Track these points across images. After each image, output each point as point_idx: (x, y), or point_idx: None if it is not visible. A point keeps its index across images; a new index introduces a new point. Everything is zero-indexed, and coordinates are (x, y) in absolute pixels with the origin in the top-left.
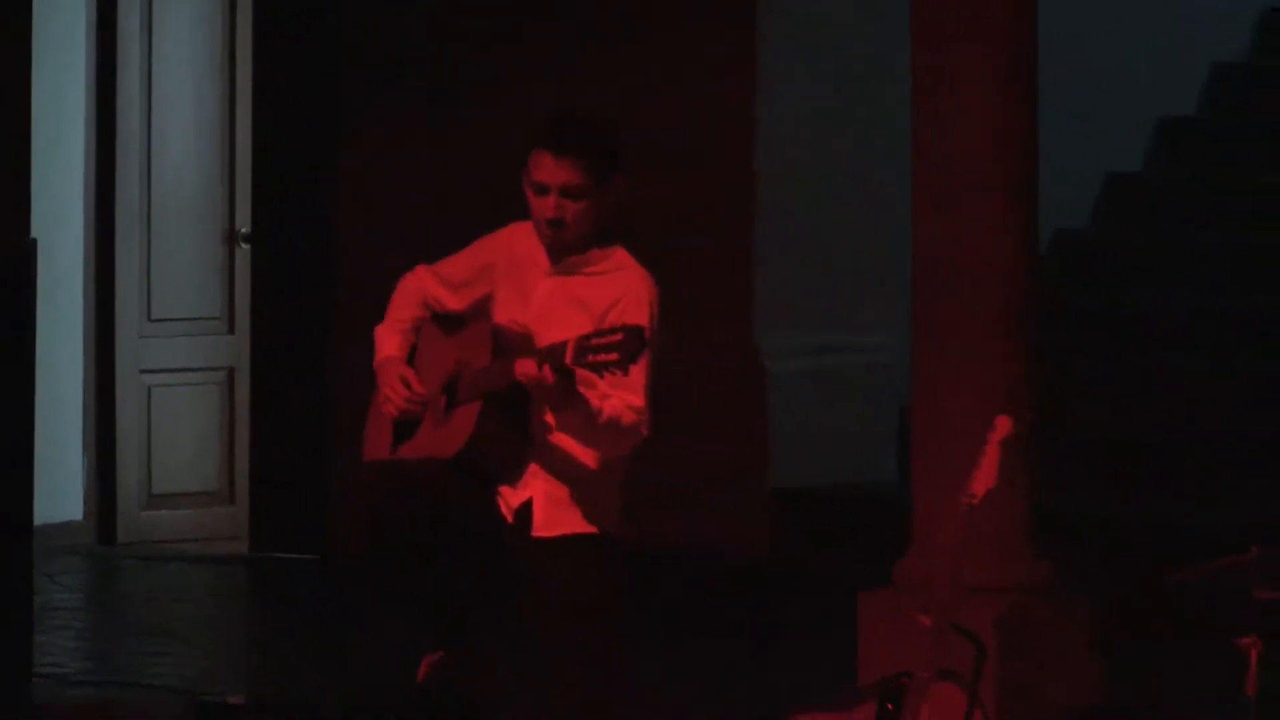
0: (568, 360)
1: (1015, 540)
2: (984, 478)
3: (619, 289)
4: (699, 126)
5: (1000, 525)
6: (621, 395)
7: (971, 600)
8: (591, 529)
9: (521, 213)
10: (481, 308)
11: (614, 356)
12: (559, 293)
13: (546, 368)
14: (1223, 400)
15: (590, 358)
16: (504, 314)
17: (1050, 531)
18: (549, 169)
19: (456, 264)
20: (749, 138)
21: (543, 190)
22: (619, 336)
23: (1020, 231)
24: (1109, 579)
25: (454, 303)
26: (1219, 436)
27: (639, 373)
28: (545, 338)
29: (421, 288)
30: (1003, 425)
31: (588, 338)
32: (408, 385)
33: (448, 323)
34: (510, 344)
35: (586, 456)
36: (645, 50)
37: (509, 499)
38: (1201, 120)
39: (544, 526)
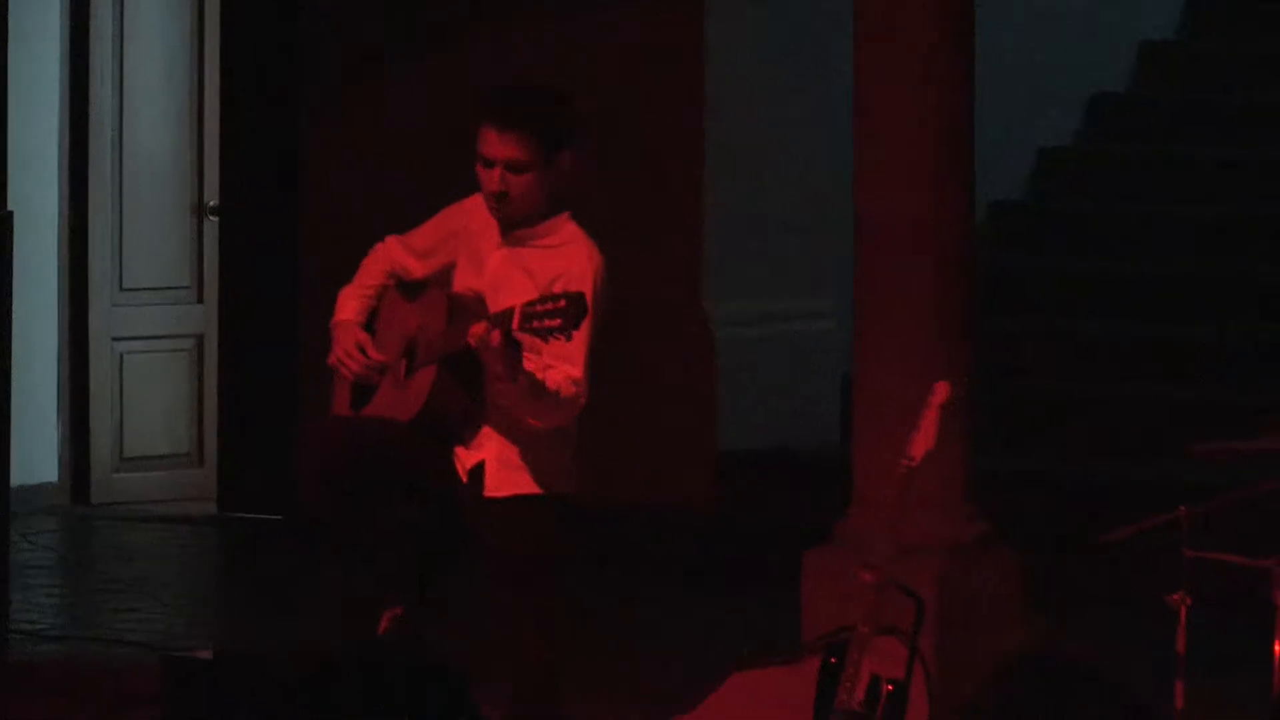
0: (514, 325)
1: (953, 500)
2: (923, 440)
3: (564, 263)
4: (651, 99)
5: (938, 486)
6: (563, 368)
7: (911, 558)
8: (539, 490)
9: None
10: (444, 276)
11: (557, 322)
12: (509, 262)
13: (496, 331)
14: (1155, 363)
15: (535, 324)
16: (461, 282)
17: (987, 490)
18: (493, 144)
19: (423, 234)
20: (699, 110)
21: (489, 164)
22: (562, 303)
23: (957, 203)
24: (1044, 537)
25: (420, 270)
26: (1151, 398)
27: (579, 345)
28: (496, 305)
29: (390, 256)
30: (941, 390)
31: (533, 304)
32: (363, 351)
33: (409, 290)
34: (464, 310)
35: (534, 423)
36: (601, 23)
37: (464, 460)
38: (1131, 97)
39: (495, 488)
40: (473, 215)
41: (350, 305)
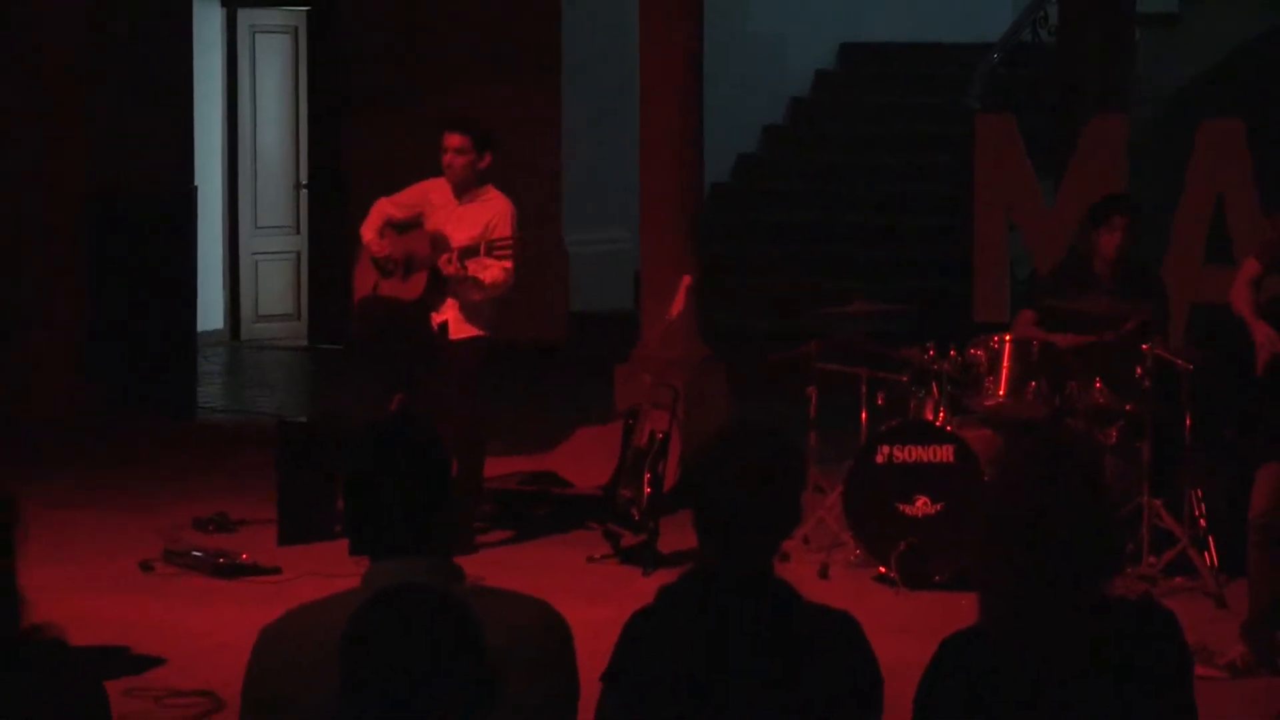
0: (482, 253)
1: (692, 337)
2: (676, 307)
3: (492, 212)
4: (531, 135)
5: (685, 330)
6: (502, 264)
7: (670, 368)
8: (478, 333)
9: (438, 172)
10: (416, 221)
11: (509, 251)
12: (458, 213)
13: (454, 259)
14: (808, 270)
15: (496, 252)
16: (431, 225)
17: (716, 336)
18: (447, 138)
19: (403, 196)
20: (557, 127)
21: (444, 150)
22: (509, 241)
23: (694, 181)
24: (744, 358)
25: (400, 216)
26: (805, 287)
27: (510, 252)
28: (455, 239)
29: (382, 210)
30: (686, 280)
31: (494, 242)
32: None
33: (398, 227)
34: (437, 241)
35: (475, 298)
36: (497, 69)
37: (437, 319)
38: (788, 131)
39: (455, 332)
40: (434, 189)
41: (370, 233)
